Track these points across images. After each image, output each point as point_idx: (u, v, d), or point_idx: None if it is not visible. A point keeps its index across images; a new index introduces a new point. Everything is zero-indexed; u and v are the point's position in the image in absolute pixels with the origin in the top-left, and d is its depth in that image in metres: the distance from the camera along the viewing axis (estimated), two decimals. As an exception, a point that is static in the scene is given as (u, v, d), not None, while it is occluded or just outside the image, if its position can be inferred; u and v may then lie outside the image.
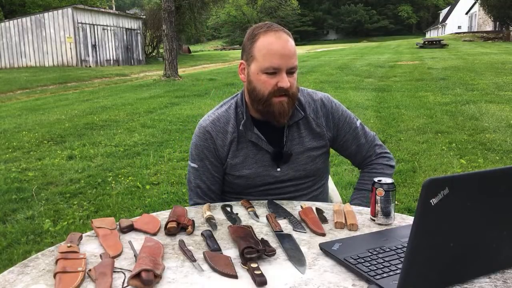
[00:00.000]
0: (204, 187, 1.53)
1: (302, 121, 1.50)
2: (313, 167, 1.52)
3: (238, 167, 1.48)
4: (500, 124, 5.90)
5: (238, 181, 1.50)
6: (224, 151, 1.48)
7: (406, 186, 3.78)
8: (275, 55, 1.35)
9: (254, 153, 1.47)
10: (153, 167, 4.56)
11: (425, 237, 0.82)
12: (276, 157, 1.47)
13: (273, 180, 1.49)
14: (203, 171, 1.51)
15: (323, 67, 15.50)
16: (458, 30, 41.18)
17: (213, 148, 1.48)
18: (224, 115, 1.50)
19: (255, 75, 1.39)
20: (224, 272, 0.99)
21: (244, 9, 57.69)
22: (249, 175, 1.48)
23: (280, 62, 1.35)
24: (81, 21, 20.61)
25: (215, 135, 1.48)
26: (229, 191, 1.56)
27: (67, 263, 1.00)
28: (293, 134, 1.49)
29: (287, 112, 1.41)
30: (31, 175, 4.37)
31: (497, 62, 13.69)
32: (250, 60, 1.41)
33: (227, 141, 1.47)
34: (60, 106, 9.35)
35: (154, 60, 26.31)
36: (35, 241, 2.94)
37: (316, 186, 1.58)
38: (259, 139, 1.46)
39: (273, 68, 1.35)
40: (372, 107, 7.57)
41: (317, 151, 1.52)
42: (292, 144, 1.49)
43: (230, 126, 1.48)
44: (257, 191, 1.51)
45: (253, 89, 1.41)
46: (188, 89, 11.21)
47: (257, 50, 1.38)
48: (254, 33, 1.40)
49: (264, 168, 1.48)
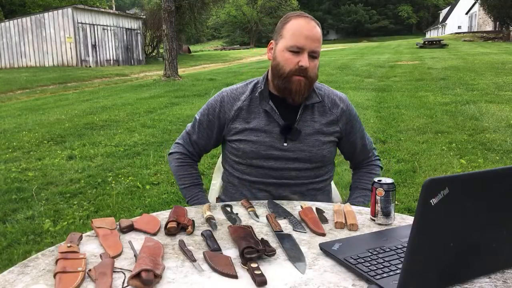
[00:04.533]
0: (194, 137, 1.67)
1: (318, 105, 1.59)
2: (319, 152, 1.56)
3: (247, 132, 1.56)
4: (500, 124, 5.90)
5: (244, 146, 1.56)
6: (229, 115, 1.58)
7: (406, 186, 3.78)
8: (301, 35, 1.46)
9: (265, 122, 1.55)
10: (153, 167, 4.56)
11: (425, 237, 0.82)
12: (285, 131, 1.53)
13: (278, 153, 1.54)
14: (200, 123, 1.66)
15: (323, 67, 15.49)
16: (458, 30, 41.17)
17: (218, 111, 1.60)
18: (242, 87, 1.63)
19: (280, 51, 1.50)
20: (224, 272, 0.99)
21: (244, 9, 57.67)
22: (256, 141, 1.54)
23: (305, 42, 1.46)
24: (81, 21, 20.62)
25: (226, 99, 1.61)
26: (235, 160, 1.60)
27: (67, 263, 1.00)
28: (306, 116, 1.56)
29: (302, 91, 1.50)
30: (31, 175, 4.37)
31: (497, 62, 13.69)
32: (279, 38, 1.53)
33: (235, 106, 1.58)
34: (60, 106, 9.35)
35: (154, 60, 26.30)
36: (35, 241, 2.94)
37: (318, 179, 1.60)
38: (272, 110, 1.54)
39: (297, 47, 1.46)
40: (372, 107, 7.57)
41: (325, 137, 1.57)
42: (303, 125, 1.56)
43: (244, 96, 1.60)
44: (261, 166, 1.55)
45: (277, 65, 1.51)
46: (188, 89, 11.21)
47: (286, 30, 1.50)
48: (287, 17, 1.55)
49: (272, 139, 1.54)
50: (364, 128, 1.71)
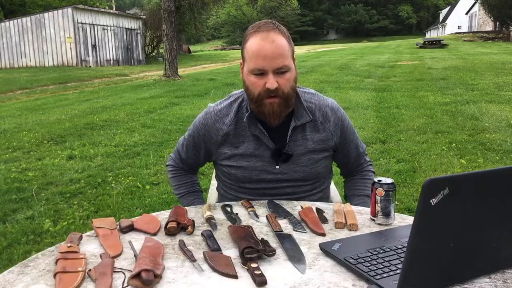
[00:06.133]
0: (183, 156, 1.66)
1: (309, 124, 1.50)
2: (313, 170, 1.51)
3: (237, 158, 1.50)
4: (500, 124, 5.90)
5: (235, 172, 1.51)
6: (216, 140, 1.52)
7: (406, 186, 3.78)
8: (259, 56, 1.35)
9: (254, 147, 1.48)
10: (153, 167, 4.56)
11: (425, 237, 0.82)
12: (276, 155, 1.47)
13: (270, 177, 1.49)
14: (187, 145, 1.63)
15: (323, 67, 15.50)
16: (458, 30, 41.16)
17: (203, 134, 1.55)
18: (226, 107, 1.53)
19: (246, 75, 1.41)
20: (224, 272, 0.99)
21: (244, 9, 57.70)
22: (247, 167, 1.49)
23: (265, 63, 1.35)
24: (81, 21, 20.62)
25: (210, 123, 1.53)
26: (228, 182, 1.58)
27: (67, 263, 1.00)
28: (297, 135, 1.49)
29: (278, 113, 1.41)
30: (31, 175, 4.37)
31: (497, 62, 13.69)
32: (243, 60, 1.44)
33: (221, 132, 1.51)
34: (60, 106, 9.35)
35: (154, 60, 26.30)
36: (35, 241, 2.94)
37: (315, 190, 1.57)
38: (261, 134, 1.47)
39: (258, 69, 1.36)
40: (372, 107, 7.57)
41: (319, 154, 1.51)
42: (295, 145, 1.49)
43: (228, 119, 1.51)
44: (254, 188, 1.51)
45: (247, 89, 1.43)
46: (188, 89, 11.21)
47: (246, 51, 1.40)
48: (246, 34, 1.43)
49: (263, 163, 1.48)
50: (357, 135, 1.64)
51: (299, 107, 1.48)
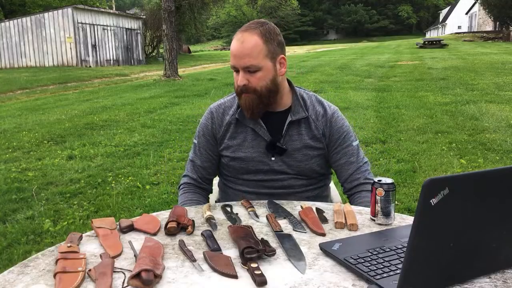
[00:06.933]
0: (197, 162, 1.66)
1: (304, 120, 1.56)
2: (307, 166, 1.55)
3: (234, 149, 1.57)
4: (500, 124, 5.90)
5: (233, 163, 1.58)
6: (220, 131, 1.59)
7: (406, 186, 3.78)
8: (232, 54, 1.47)
9: (251, 138, 1.56)
10: (153, 167, 4.56)
11: (425, 237, 0.82)
12: (270, 147, 1.53)
13: (266, 168, 1.55)
14: (200, 147, 1.65)
15: (323, 67, 15.51)
16: (458, 30, 41.16)
17: (211, 127, 1.61)
18: (229, 100, 1.63)
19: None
20: (224, 272, 0.99)
21: (244, 9, 57.71)
22: (244, 158, 1.55)
23: (234, 61, 1.46)
24: (81, 21, 20.61)
25: (216, 114, 1.61)
26: (227, 175, 1.64)
27: (67, 263, 1.00)
28: (293, 130, 1.55)
29: (250, 107, 1.49)
30: (31, 175, 4.37)
31: (497, 62, 13.69)
32: None
33: (224, 122, 1.59)
34: (60, 106, 9.35)
35: (154, 60, 26.30)
36: (35, 241, 2.94)
37: (312, 186, 1.60)
38: (256, 126, 1.54)
39: (232, 66, 1.48)
40: (372, 107, 7.57)
41: (313, 151, 1.56)
42: (290, 140, 1.54)
43: (232, 110, 1.60)
44: (252, 180, 1.56)
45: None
46: (188, 89, 11.21)
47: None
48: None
49: (259, 154, 1.55)
50: (356, 148, 1.59)
51: (295, 104, 1.56)
